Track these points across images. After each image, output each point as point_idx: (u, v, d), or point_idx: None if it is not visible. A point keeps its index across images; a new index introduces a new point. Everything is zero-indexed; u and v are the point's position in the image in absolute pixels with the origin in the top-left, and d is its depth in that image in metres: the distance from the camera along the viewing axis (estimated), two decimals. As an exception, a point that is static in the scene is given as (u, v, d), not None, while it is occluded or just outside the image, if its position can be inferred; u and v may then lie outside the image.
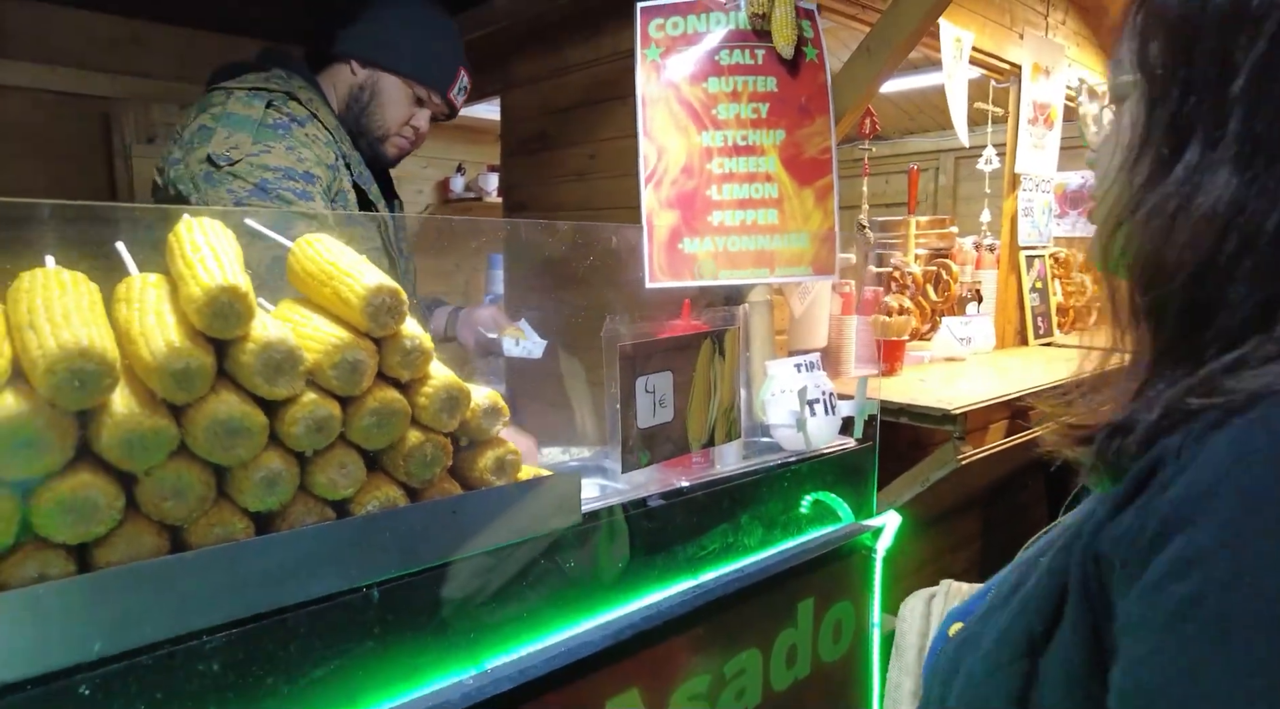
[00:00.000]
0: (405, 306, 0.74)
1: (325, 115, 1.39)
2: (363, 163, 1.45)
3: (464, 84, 1.57)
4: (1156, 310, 0.46)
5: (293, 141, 1.28)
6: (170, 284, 0.69)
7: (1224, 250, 0.42)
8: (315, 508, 0.72)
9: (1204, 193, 0.43)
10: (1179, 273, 0.44)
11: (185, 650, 0.64)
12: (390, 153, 1.51)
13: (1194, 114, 0.45)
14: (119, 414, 0.60)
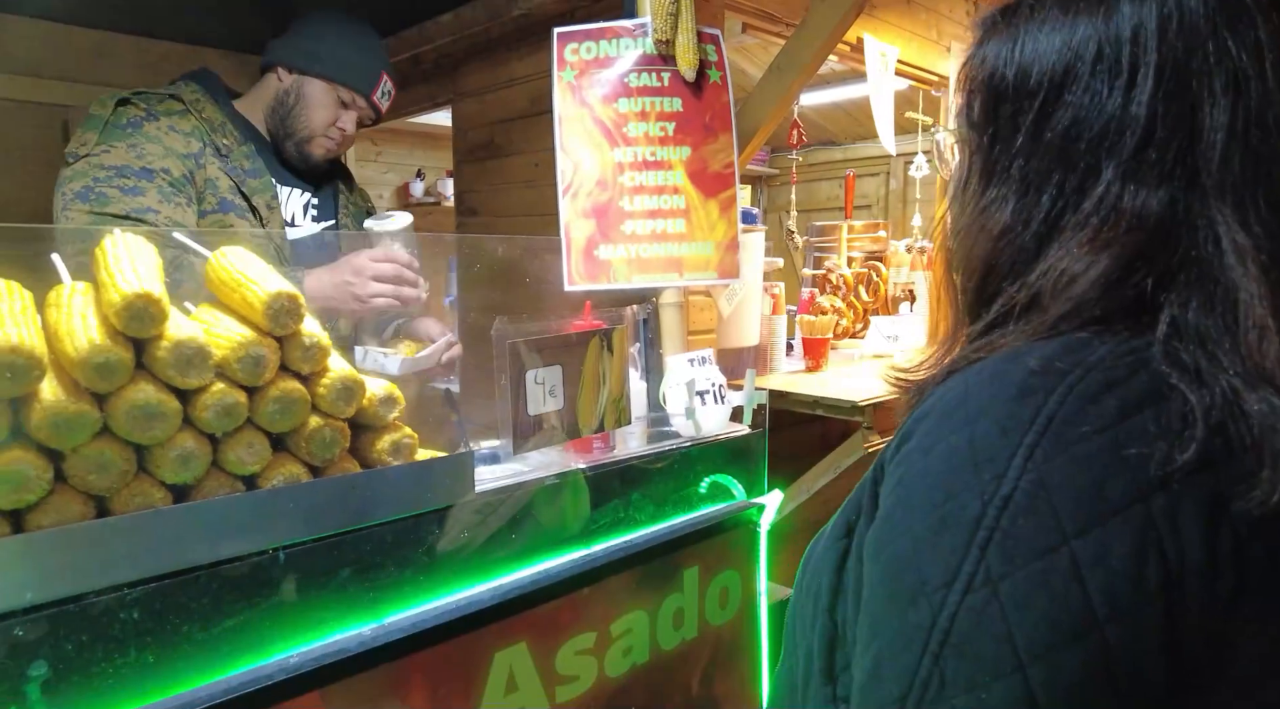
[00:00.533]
0: (303, 309, 0.86)
1: (210, 112, 1.51)
2: (258, 157, 1.55)
3: (387, 88, 1.68)
4: (963, 296, 0.62)
5: (138, 138, 1.39)
6: (95, 291, 0.81)
7: (999, 258, 0.57)
8: (227, 482, 0.84)
9: (993, 219, 0.58)
10: (975, 272, 0.59)
11: (108, 601, 0.76)
12: (316, 153, 1.62)
13: (995, 163, 0.59)
14: (47, 401, 0.72)
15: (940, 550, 0.46)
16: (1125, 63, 0.53)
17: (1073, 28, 0.56)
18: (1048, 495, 0.44)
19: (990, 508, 0.45)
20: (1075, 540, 0.43)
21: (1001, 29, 0.60)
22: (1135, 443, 0.44)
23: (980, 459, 0.46)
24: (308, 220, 1.69)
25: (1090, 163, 0.54)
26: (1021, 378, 0.48)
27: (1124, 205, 0.52)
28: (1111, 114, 0.53)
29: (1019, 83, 0.58)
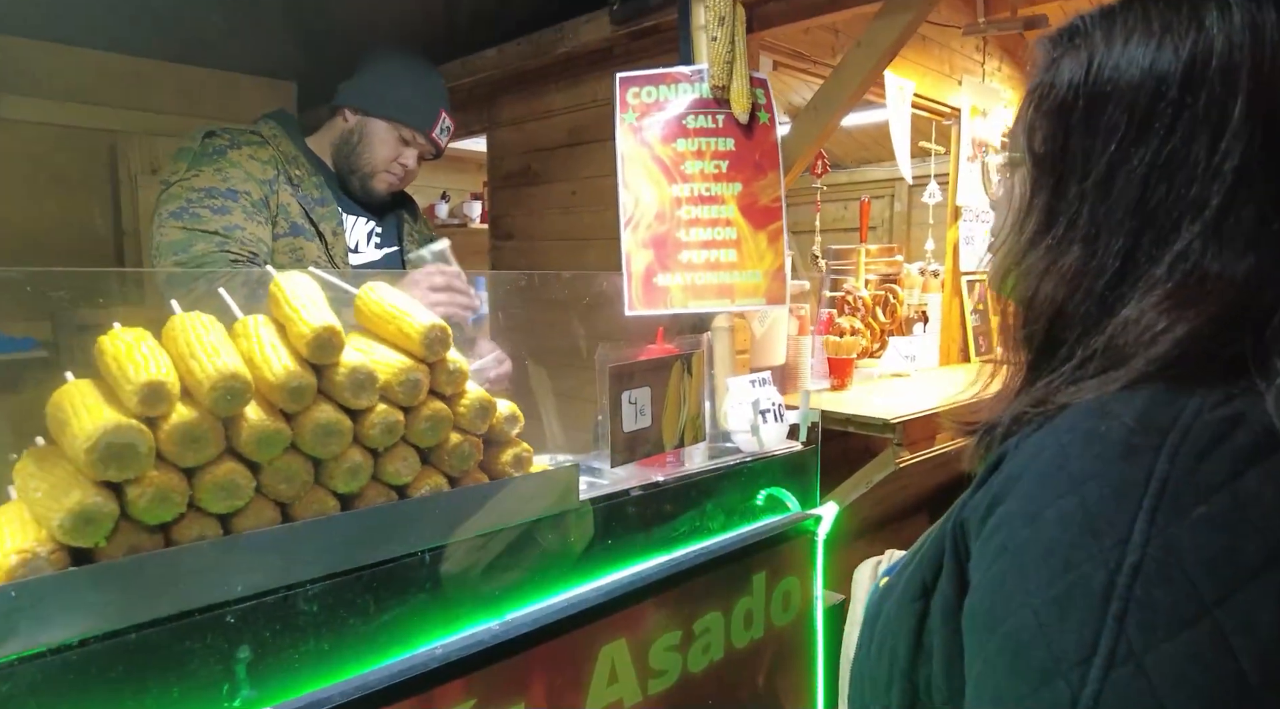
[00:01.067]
0: (451, 338, 0.98)
1: (285, 146, 1.64)
2: (326, 188, 1.67)
3: (446, 125, 1.78)
4: (1028, 338, 0.59)
5: (222, 163, 1.54)
6: (274, 323, 0.92)
7: (1070, 303, 0.55)
8: (383, 492, 0.95)
9: (1063, 260, 0.55)
10: (1043, 314, 0.57)
11: (292, 595, 0.87)
12: (379, 187, 1.73)
13: (1062, 198, 0.56)
14: (252, 420, 0.83)
15: (1070, 624, 0.44)
16: (1214, 101, 0.49)
17: (1158, 52, 0.52)
18: (1179, 562, 0.42)
19: (1119, 577, 0.43)
20: (1217, 609, 0.41)
21: (1075, 49, 0.56)
22: (1256, 500, 0.43)
23: (1098, 526, 0.45)
24: (371, 247, 1.80)
25: (1169, 217, 0.51)
26: (1122, 437, 0.47)
27: (1206, 266, 0.50)
28: (1195, 163, 0.50)
29: (1092, 115, 0.54)
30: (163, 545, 0.79)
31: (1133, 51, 0.53)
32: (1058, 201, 0.56)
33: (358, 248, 1.74)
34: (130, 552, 0.77)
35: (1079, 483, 0.47)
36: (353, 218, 1.75)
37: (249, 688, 0.83)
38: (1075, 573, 0.45)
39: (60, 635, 0.72)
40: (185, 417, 0.78)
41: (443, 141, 1.79)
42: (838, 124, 2.13)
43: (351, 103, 1.72)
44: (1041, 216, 0.58)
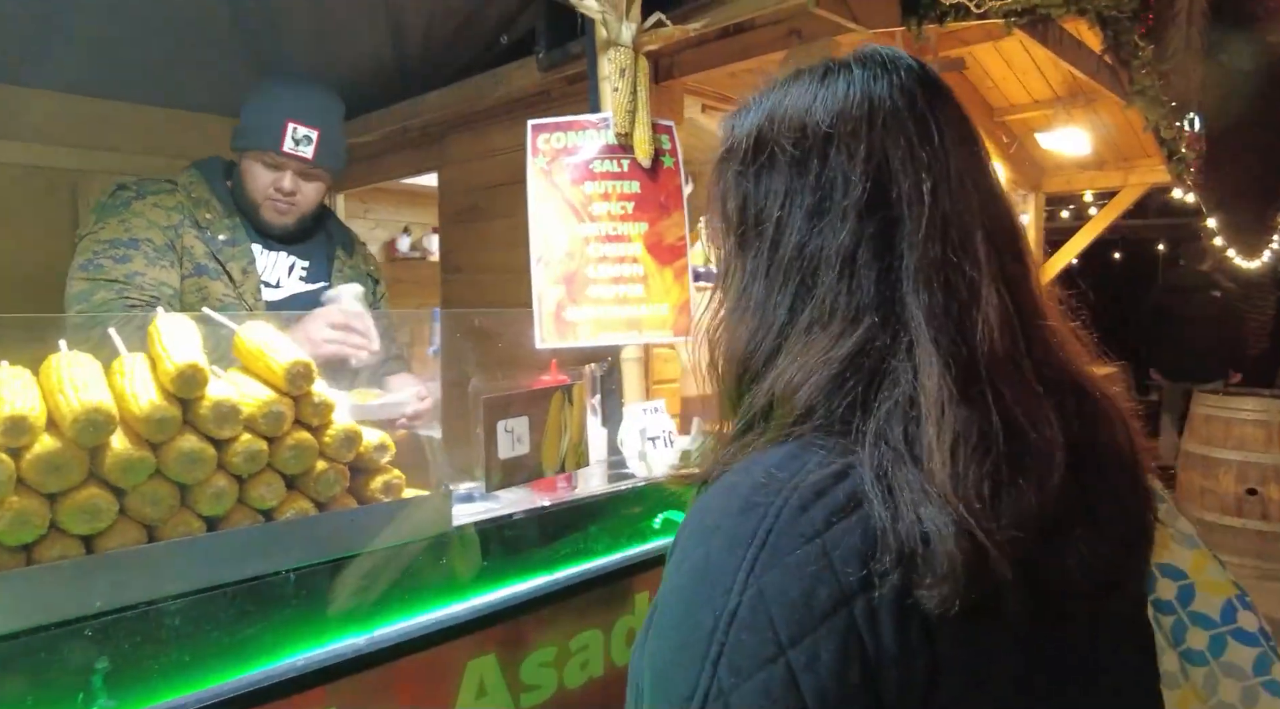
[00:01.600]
0: (314, 374, 1.07)
1: (200, 192, 1.71)
2: (240, 229, 1.72)
3: (298, 134, 1.69)
4: (723, 392, 0.63)
5: (126, 214, 1.62)
6: (149, 360, 1.01)
7: (749, 360, 0.59)
8: (249, 515, 1.04)
9: (744, 318, 0.60)
10: (730, 371, 0.61)
11: (156, 610, 0.94)
12: (269, 217, 1.74)
13: (747, 258, 0.61)
14: (117, 449, 0.91)
15: (682, 666, 0.49)
16: (845, 150, 0.55)
17: (810, 101, 0.58)
18: (765, 607, 0.47)
19: (720, 622, 0.48)
20: (790, 650, 0.46)
21: (743, 113, 0.62)
22: (839, 549, 0.47)
23: (713, 575, 0.49)
24: (294, 280, 1.84)
25: (815, 266, 0.56)
26: (747, 492, 0.51)
27: (839, 311, 0.54)
28: (833, 210, 0.55)
29: (760, 162, 0.59)
30: (24, 564, 0.87)
31: (794, 101, 0.59)
32: (744, 264, 0.61)
33: (279, 283, 1.80)
34: (-9, 570, 0.85)
35: (709, 536, 0.51)
36: (273, 254, 1.80)
37: (105, 697, 0.90)
38: (692, 619, 0.49)
39: (-81, 646, 0.79)
40: (48, 447, 0.87)
41: (304, 152, 1.70)
42: (750, 165, 2.25)
43: (232, 146, 1.77)
44: (736, 278, 0.62)
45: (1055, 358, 0.57)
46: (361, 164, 3.60)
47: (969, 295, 0.53)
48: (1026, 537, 0.48)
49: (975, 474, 0.48)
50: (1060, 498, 0.50)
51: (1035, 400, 0.52)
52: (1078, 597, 0.52)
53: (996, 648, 0.50)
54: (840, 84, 0.59)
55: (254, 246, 1.77)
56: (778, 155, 0.59)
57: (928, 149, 0.56)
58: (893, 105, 0.57)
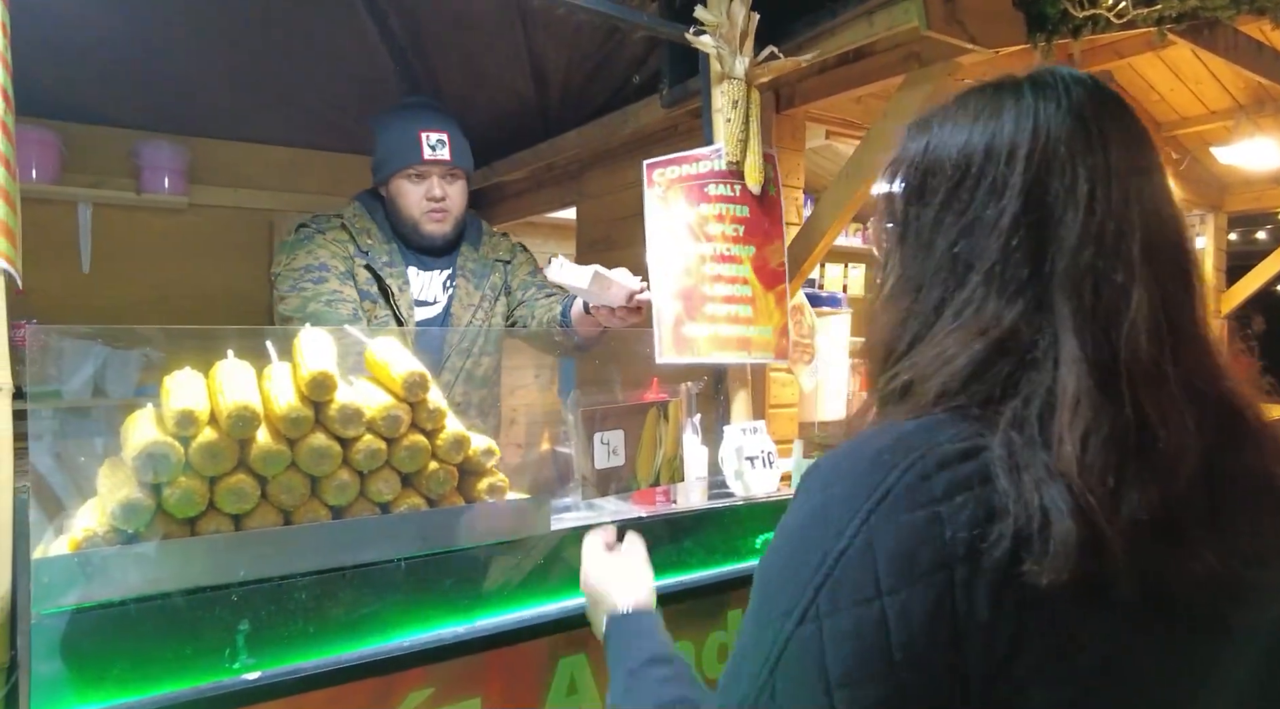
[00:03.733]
0: (429, 383, 1.20)
1: (363, 222, 1.92)
2: (396, 252, 1.92)
3: (433, 141, 1.84)
4: (870, 369, 0.70)
5: (311, 246, 1.84)
6: (293, 367, 1.18)
7: (896, 341, 0.65)
8: (369, 507, 1.17)
9: (897, 304, 0.66)
10: (878, 350, 0.67)
11: (288, 584, 1.09)
12: (429, 230, 1.91)
13: (903, 255, 0.66)
14: (260, 442, 1.07)
15: (787, 586, 0.56)
16: (1000, 171, 0.60)
17: (969, 135, 0.63)
18: (872, 554, 0.53)
19: (829, 558, 0.54)
20: (886, 596, 0.52)
21: (921, 132, 0.67)
22: (952, 520, 0.52)
23: (830, 517, 0.55)
24: (445, 295, 2.00)
25: (965, 267, 0.61)
26: (876, 451, 0.56)
27: (987, 307, 0.59)
28: (986, 222, 0.60)
29: (922, 185, 0.65)
30: (188, 535, 1.04)
31: (953, 134, 0.64)
32: (901, 258, 0.67)
33: (435, 300, 1.98)
34: (164, 538, 1.02)
35: (832, 482, 0.58)
36: (427, 274, 1.98)
37: (246, 654, 1.06)
38: (804, 551, 0.56)
39: (105, 595, 0.97)
40: (209, 437, 1.04)
41: (441, 154, 1.85)
42: (869, 191, 2.23)
43: (375, 182, 1.98)
44: (893, 270, 0.68)
45: (1206, 373, 0.60)
46: (510, 200, 3.88)
47: (1118, 301, 0.57)
48: (1143, 531, 0.52)
49: (1102, 464, 0.52)
50: (1185, 502, 0.54)
51: (1174, 407, 0.55)
52: (1199, 603, 0.55)
53: (1091, 631, 0.53)
54: (1008, 104, 0.63)
55: (410, 269, 1.95)
56: (943, 163, 0.64)
57: (1090, 162, 0.59)
58: (1059, 125, 0.61)
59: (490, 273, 2.04)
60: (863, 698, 0.51)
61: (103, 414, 1.15)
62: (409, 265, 1.96)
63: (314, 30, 2.94)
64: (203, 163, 3.54)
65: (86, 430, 1.18)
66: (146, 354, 1.20)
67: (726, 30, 1.81)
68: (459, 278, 2.00)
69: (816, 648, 0.53)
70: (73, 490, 1.13)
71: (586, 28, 2.67)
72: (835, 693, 0.52)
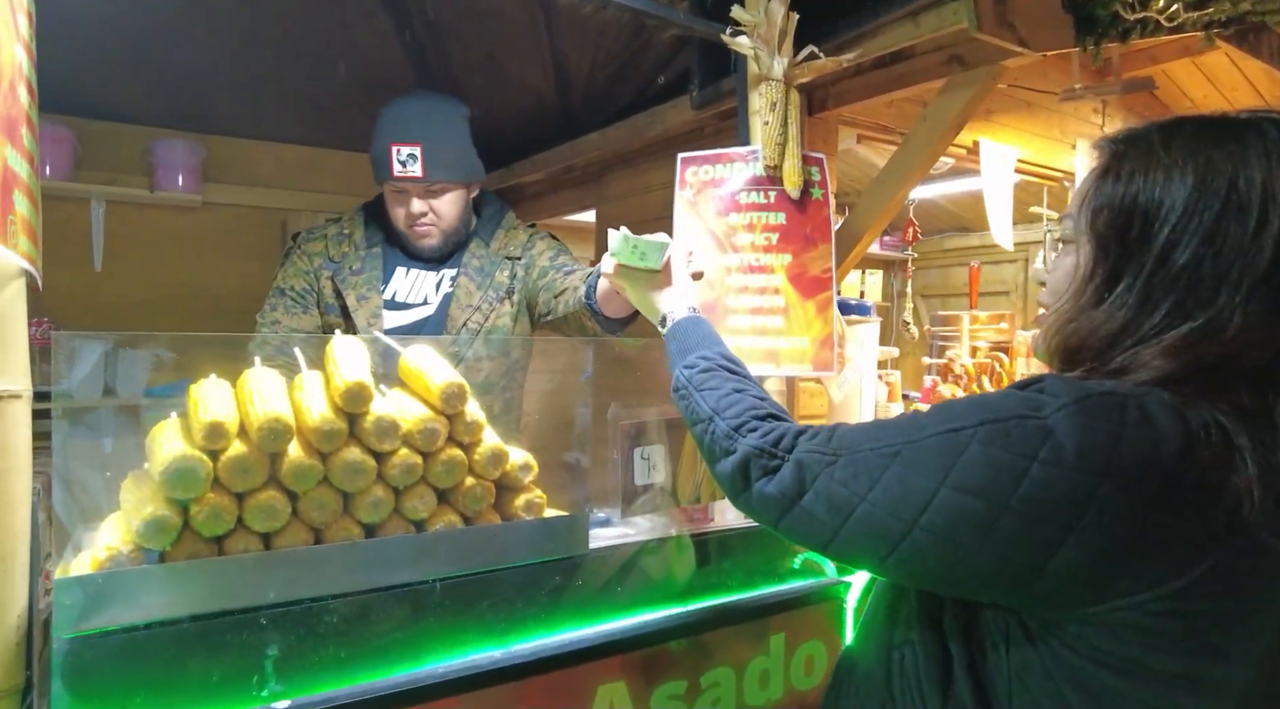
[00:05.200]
0: (467, 394, 1.14)
1: (350, 227, 1.83)
2: (380, 257, 1.80)
3: (401, 156, 1.65)
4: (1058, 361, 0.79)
5: (287, 264, 1.80)
6: (325, 377, 1.12)
7: (1102, 347, 0.73)
8: (403, 525, 1.11)
9: (1113, 318, 0.73)
10: (1085, 355, 0.75)
11: (319, 606, 1.03)
12: (419, 242, 1.78)
13: (1118, 269, 0.73)
14: (292, 456, 1.01)
15: (958, 413, 0.70)
16: (1255, 206, 0.68)
17: (1205, 171, 0.70)
18: (1056, 437, 0.65)
19: (1014, 416, 0.67)
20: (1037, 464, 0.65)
21: (1134, 157, 0.73)
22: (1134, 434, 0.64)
23: (1033, 400, 0.68)
24: (439, 296, 1.84)
25: (1212, 283, 0.68)
26: (1085, 385, 0.68)
27: (1232, 324, 0.67)
28: (1238, 250, 0.68)
29: (1151, 211, 0.71)
30: (216, 554, 0.99)
31: (1187, 164, 0.71)
32: (1114, 274, 0.73)
33: (426, 300, 1.83)
34: (190, 557, 0.96)
35: (1041, 387, 0.69)
36: (421, 273, 1.83)
37: (275, 682, 1.00)
38: (1000, 401, 0.70)
39: (129, 618, 0.91)
40: (239, 451, 0.98)
41: (412, 171, 1.66)
42: (907, 194, 2.17)
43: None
44: (1100, 284, 0.74)
45: None
46: (527, 202, 3.82)
47: None
48: None
49: None
50: None
51: None
52: None
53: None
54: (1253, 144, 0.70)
55: (398, 270, 1.82)
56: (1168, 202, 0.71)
57: None
58: None
59: (495, 270, 1.85)
60: (958, 505, 0.66)
61: (127, 421, 1.09)
62: (396, 265, 1.83)
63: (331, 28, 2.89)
64: (217, 161, 3.50)
65: (106, 439, 1.13)
66: (160, 356, 1.15)
67: (764, 30, 1.75)
68: (461, 276, 1.83)
69: (955, 453, 0.68)
70: (93, 504, 1.08)
71: (612, 27, 2.62)
72: (942, 487, 0.67)
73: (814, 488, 0.76)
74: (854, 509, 0.72)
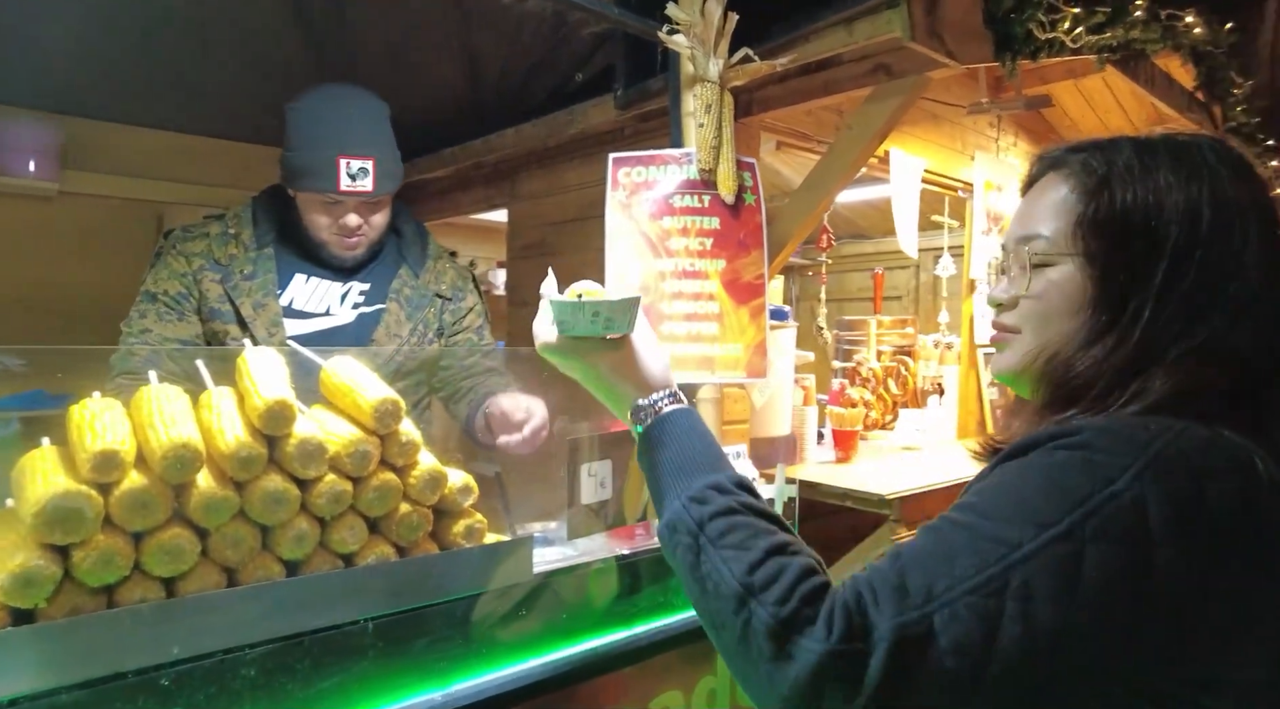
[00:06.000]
0: (403, 411, 1.03)
1: (237, 227, 1.64)
2: (273, 259, 1.64)
3: (353, 170, 1.55)
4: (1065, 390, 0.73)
5: (159, 265, 1.62)
6: (237, 395, 0.98)
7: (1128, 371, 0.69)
8: (329, 559, 0.99)
9: (1124, 344, 0.70)
10: (1084, 377, 0.71)
11: (233, 659, 0.90)
12: (340, 253, 1.64)
13: (1124, 297, 0.70)
14: (202, 487, 0.88)
15: (1050, 503, 0.60)
16: (1238, 229, 0.68)
17: (1189, 187, 0.69)
18: (1144, 506, 0.59)
19: (1098, 494, 0.60)
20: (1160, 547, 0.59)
21: (1124, 175, 0.72)
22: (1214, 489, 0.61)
23: (1095, 466, 0.61)
24: (346, 307, 1.71)
25: (1211, 306, 0.68)
26: (1128, 426, 0.64)
27: (1228, 344, 0.67)
28: (1232, 264, 0.68)
29: (1158, 228, 0.69)
30: (104, 606, 0.84)
31: (1170, 183, 0.70)
32: (1125, 294, 0.70)
33: (329, 311, 1.69)
34: (71, 612, 0.81)
35: (1092, 445, 0.63)
36: (323, 282, 1.69)
37: (180, 751, 0.86)
38: (1066, 482, 0.62)
39: (-4, 691, 0.76)
40: (136, 483, 0.84)
41: (363, 186, 1.55)
42: (831, 202, 2.19)
43: (282, 178, 1.64)
44: (1106, 308, 0.71)
45: None
46: (434, 199, 3.65)
47: None
48: None
49: None
50: None
51: None
52: None
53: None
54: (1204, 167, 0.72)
55: (297, 276, 1.67)
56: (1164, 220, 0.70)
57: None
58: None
59: (426, 306, 1.77)
60: (1102, 620, 0.58)
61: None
62: (295, 272, 1.67)
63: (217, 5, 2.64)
64: (78, 145, 3.14)
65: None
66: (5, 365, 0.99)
67: (701, 30, 1.71)
68: (392, 304, 1.73)
69: (1072, 569, 0.58)
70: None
71: (530, 20, 2.52)
72: (1078, 607, 0.58)
73: (921, 676, 0.58)
74: (981, 676, 0.57)
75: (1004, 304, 0.81)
